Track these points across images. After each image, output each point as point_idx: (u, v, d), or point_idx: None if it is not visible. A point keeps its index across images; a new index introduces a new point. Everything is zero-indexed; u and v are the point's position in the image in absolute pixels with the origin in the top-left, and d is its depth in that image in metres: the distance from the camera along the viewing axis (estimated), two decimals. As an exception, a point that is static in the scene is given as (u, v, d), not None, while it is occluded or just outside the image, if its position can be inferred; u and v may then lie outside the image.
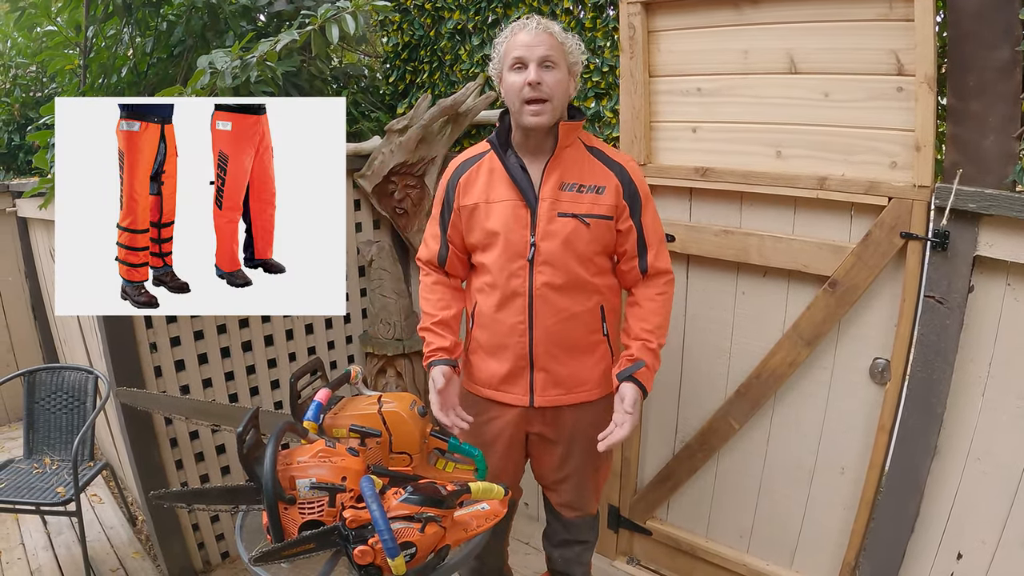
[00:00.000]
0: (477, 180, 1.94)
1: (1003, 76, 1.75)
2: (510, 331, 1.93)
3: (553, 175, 1.88)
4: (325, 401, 1.69)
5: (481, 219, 1.92)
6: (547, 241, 1.86)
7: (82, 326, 3.17)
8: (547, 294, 1.88)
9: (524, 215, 1.88)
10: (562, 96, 1.84)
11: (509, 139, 1.93)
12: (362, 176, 3.02)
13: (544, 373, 1.95)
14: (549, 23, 1.85)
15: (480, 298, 1.98)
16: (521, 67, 1.81)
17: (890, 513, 2.09)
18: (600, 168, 1.91)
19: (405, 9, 3.22)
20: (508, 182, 1.90)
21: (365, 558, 1.38)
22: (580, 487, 2.12)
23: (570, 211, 1.87)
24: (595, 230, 1.88)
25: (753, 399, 2.34)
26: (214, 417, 2.21)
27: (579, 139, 1.93)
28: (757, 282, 2.30)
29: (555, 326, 1.91)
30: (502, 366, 1.97)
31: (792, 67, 2.09)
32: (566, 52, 1.84)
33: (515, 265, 1.89)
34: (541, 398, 1.97)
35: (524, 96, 1.80)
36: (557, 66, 1.81)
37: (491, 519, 1.57)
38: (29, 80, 4.34)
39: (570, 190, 1.88)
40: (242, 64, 2.46)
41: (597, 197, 1.88)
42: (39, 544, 3.13)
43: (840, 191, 2.04)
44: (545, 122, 1.82)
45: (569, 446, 2.04)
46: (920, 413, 1.98)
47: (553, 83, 1.80)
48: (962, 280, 1.86)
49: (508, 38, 1.85)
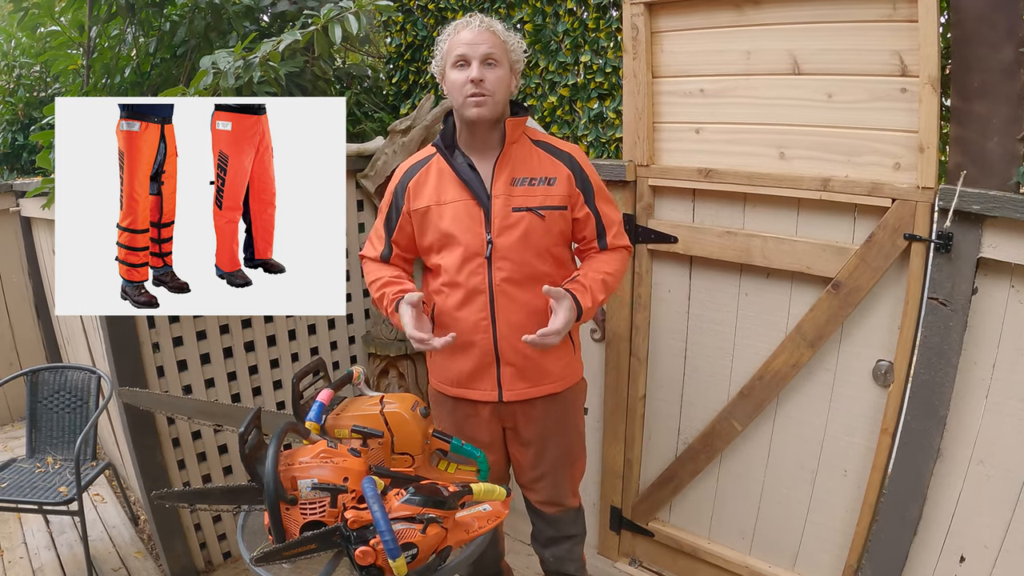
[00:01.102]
0: (427, 183, 1.95)
1: (1007, 77, 1.74)
2: (474, 328, 1.94)
3: (504, 171, 1.90)
4: (327, 402, 1.69)
5: (434, 221, 1.93)
6: (503, 237, 1.88)
7: (85, 326, 3.17)
8: (507, 289, 1.90)
9: (478, 213, 1.89)
10: (504, 92, 1.87)
11: (455, 140, 1.95)
12: (365, 176, 3.03)
13: (511, 367, 1.96)
14: (492, 21, 1.88)
15: (439, 299, 1.98)
16: (464, 64, 1.83)
17: (892, 516, 2.08)
18: (548, 159, 1.93)
19: (408, 9, 3.23)
20: (458, 182, 1.91)
21: (367, 559, 1.38)
22: (557, 482, 2.13)
23: (524, 205, 1.89)
24: (550, 222, 1.90)
25: (756, 400, 2.34)
26: (216, 417, 2.21)
27: (524, 134, 1.96)
28: (760, 283, 2.30)
29: (517, 320, 1.92)
30: (468, 363, 1.97)
31: (795, 68, 2.08)
32: (508, 50, 1.88)
33: (474, 263, 1.90)
34: (509, 392, 1.98)
35: (466, 91, 1.82)
36: (499, 64, 1.84)
37: (493, 520, 1.57)
38: (33, 80, 4.35)
39: (522, 184, 1.90)
40: (245, 64, 2.46)
41: (549, 188, 1.90)
42: (41, 543, 3.14)
43: (843, 192, 2.03)
44: (487, 114, 1.84)
45: (543, 442, 2.06)
46: (923, 415, 1.98)
47: (495, 80, 1.83)
48: (965, 282, 1.85)
49: (451, 35, 1.88)
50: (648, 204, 2.46)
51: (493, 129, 1.91)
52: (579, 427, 2.16)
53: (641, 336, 2.58)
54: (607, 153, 2.65)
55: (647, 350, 2.61)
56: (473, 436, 2.02)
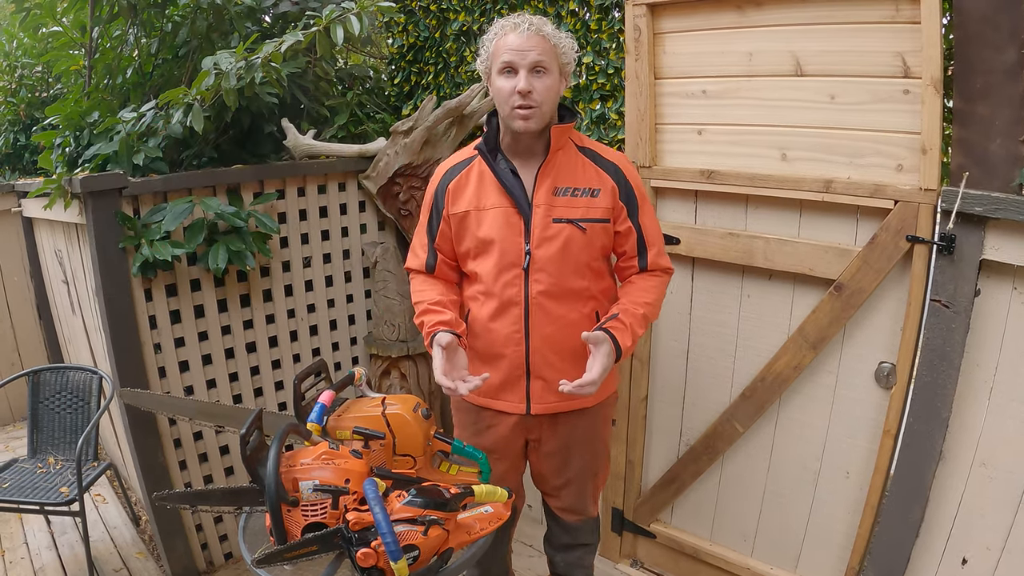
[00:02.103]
0: (467, 186, 1.89)
1: (1010, 79, 1.74)
2: (506, 340, 1.88)
3: (546, 180, 1.84)
4: (329, 403, 1.69)
5: (472, 227, 1.87)
6: (542, 248, 1.82)
7: (87, 326, 3.18)
8: (543, 302, 1.84)
9: (517, 222, 1.83)
10: (552, 101, 1.79)
11: (498, 143, 1.89)
12: (367, 177, 3.03)
13: (541, 381, 1.90)
14: (541, 23, 1.78)
15: (473, 306, 1.93)
16: (511, 72, 1.75)
17: (895, 518, 2.08)
18: (593, 169, 1.87)
19: (410, 10, 3.23)
20: (499, 188, 1.85)
21: (368, 561, 1.38)
22: (580, 492, 2.11)
23: (565, 216, 1.82)
24: (591, 234, 1.84)
25: (758, 402, 2.34)
26: (218, 418, 2.22)
27: (571, 140, 1.89)
28: (762, 285, 2.29)
29: (552, 334, 1.86)
30: (498, 374, 1.91)
31: (798, 69, 2.08)
32: (558, 54, 1.78)
33: (510, 274, 1.84)
34: (538, 406, 1.93)
35: (513, 103, 1.75)
36: (548, 71, 1.76)
37: (495, 522, 1.57)
38: (34, 80, 4.34)
39: (564, 195, 1.83)
40: (247, 65, 2.46)
41: (592, 200, 1.84)
42: (43, 544, 3.14)
43: (846, 194, 2.03)
44: (534, 127, 1.77)
45: (567, 452, 2.02)
46: (925, 417, 1.97)
47: (543, 89, 1.75)
48: (968, 284, 1.85)
49: (498, 36, 1.78)
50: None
51: (538, 136, 1.83)
52: (605, 439, 2.11)
53: (643, 337, 2.58)
54: (609, 154, 2.65)
55: (649, 352, 2.60)
56: (493, 446, 1.98)
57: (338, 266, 3.09)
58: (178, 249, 2.45)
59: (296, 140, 2.91)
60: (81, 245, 2.82)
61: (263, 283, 2.86)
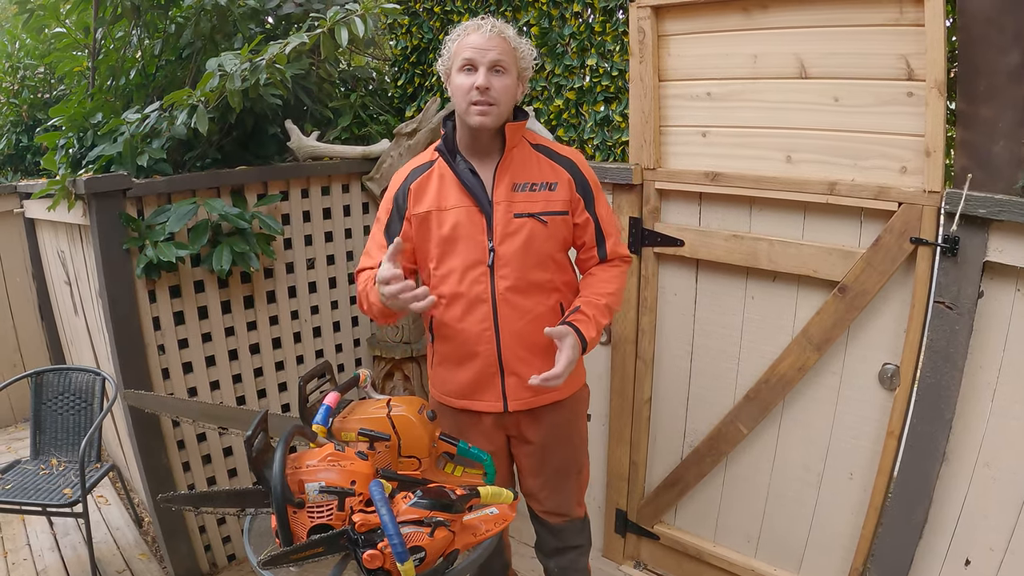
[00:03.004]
0: (429, 187, 1.91)
1: (1013, 81, 1.74)
2: (477, 339, 1.90)
3: (505, 177, 1.88)
4: (334, 405, 1.69)
5: (434, 227, 1.89)
6: (506, 244, 1.86)
7: (90, 328, 3.18)
8: (510, 297, 1.87)
9: (480, 220, 1.86)
10: (509, 100, 1.83)
11: (455, 144, 1.92)
12: (370, 179, 3.03)
13: (515, 377, 1.93)
14: (503, 26, 1.84)
15: (439, 312, 1.94)
16: (471, 69, 1.79)
17: (898, 519, 2.08)
18: (549, 164, 1.91)
19: (414, 12, 3.23)
20: (460, 188, 1.88)
21: (374, 562, 1.38)
22: (561, 491, 2.11)
23: (526, 211, 1.86)
24: (552, 227, 1.88)
25: (762, 404, 2.34)
26: (221, 419, 2.22)
27: (524, 138, 1.94)
28: (766, 287, 2.30)
29: (520, 329, 1.89)
30: (471, 374, 1.94)
31: (802, 71, 2.08)
32: (518, 57, 1.84)
33: (476, 272, 1.87)
34: (514, 402, 1.96)
35: (471, 98, 1.79)
36: (507, 71, 1.80)
37: (500, 523, 1.57)
38: (37, 82, 4.35)
39: (523, 190, 1.88)
40: (251, 67, 2.46)
41: (550, 194, 1.89)
42: (45, 545, 3.14)
43: (850, 196, 2.03)
44: (490, 123, 1.81)
45: (545, 450, 2.04)
46: (929, 419, 1.97)
47: (501, 88, 1.80)
48: (972, 286, 1.85)
49: (460, 37, 1.83)
50: (655, 207, 2.46)
51: (494, 135, 1.88)
52: (582, 434, 2.15)
53: (647, 339, 2.58)
54: (613, 156, 2.65)
55: (653, 353, 2.61)
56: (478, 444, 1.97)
57: (341, 268, 3.10)
58: (182, 250, 2.45)
59: (300, 142, 2.91)
60: (84, 246, 2.82)
61: (267, 285, 2.87)
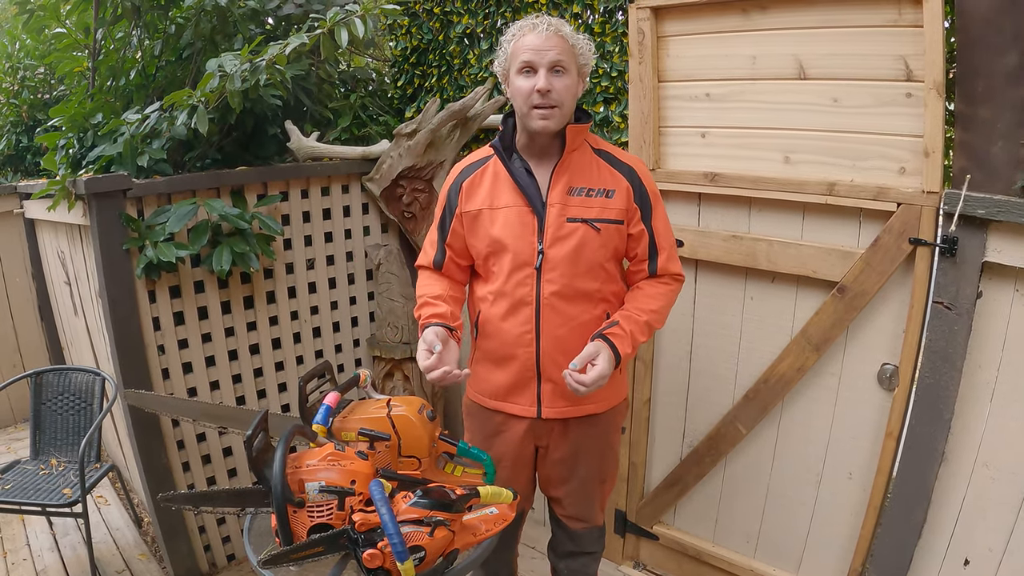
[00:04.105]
0: (481, 185, 1.88)
1: (1012, 82, 1.75)
2: (517, 340, 1.87)
3: (561, 179, 1.82)
4: (334, 404, 1.69)
5: (485, 225, 1.86)
6: (556, 248, 1.81)
7: (89, 328, 3.18)
8: (555, 303, 1.83)
9: (531, 221, 1.82)
10: (571, 101, 1.78)
11: (514, 142, 1.88)
12: (370, 180, 3.03)
13: (551, 384, 1.89)
14: (560, 24, 1.77)
15: (484, 307, 1.92)
16: (530, 71, 1.74)
17: (897, 519, 2.08)
18: (608, 171, 1.85)
19: (414, 13, 3.24)
20: (513, 187, 1.84)
21: (374, 562, 1.39)
22: (586, 499, 2.08)
23: (580, 216, 1.81)
24: (605, 235, 1.82)
25: (761, 404, 2.34)
26: (221, 419, 2.21)
27: (586, 141, 1.88)
28: (765, 287, 2.30)
29: (563, 336, 1.85)
30: (508, 376, 1.91)
31: (801, 72, 2.09)
32: (576, 54, 1.78)
33: (522, 273, 1.83)
34: (549, 410, 1.91)
35: (533, 102, 1.74)
36: (567, 71, 1.75)
37: (500, 523, 1.57)
38: (37, 82, 4.35)
39: (579, 195, 1.82)
40: (251, 67, 2.47)
41: (607, 201, 1.83)
42: (45, 545, 3.14)
43: (849, 197, 2.03)
44: (553, 127, 1.76)
45: (575, 459, 2.00)
46: (928, 419, 1.98)
47: (563, 89, 1.74)
48: (970, 286, 1.85)
49: (516, 37, 1.78)
50: (653, 208, 2.46)
51: (554, 136, 1.82)
52: (614, 446, 2.08)
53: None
54: (612, 157, 2.66)
55: (652, 354, 2.61)
56: (504, 451, 1.97)
57: (341, 268, 3.10)
58: (182, 251, 2.45)
59: (300, 142, 2.92)
60: (84, 246, 2.82)
61: (266, 285, 2.87)
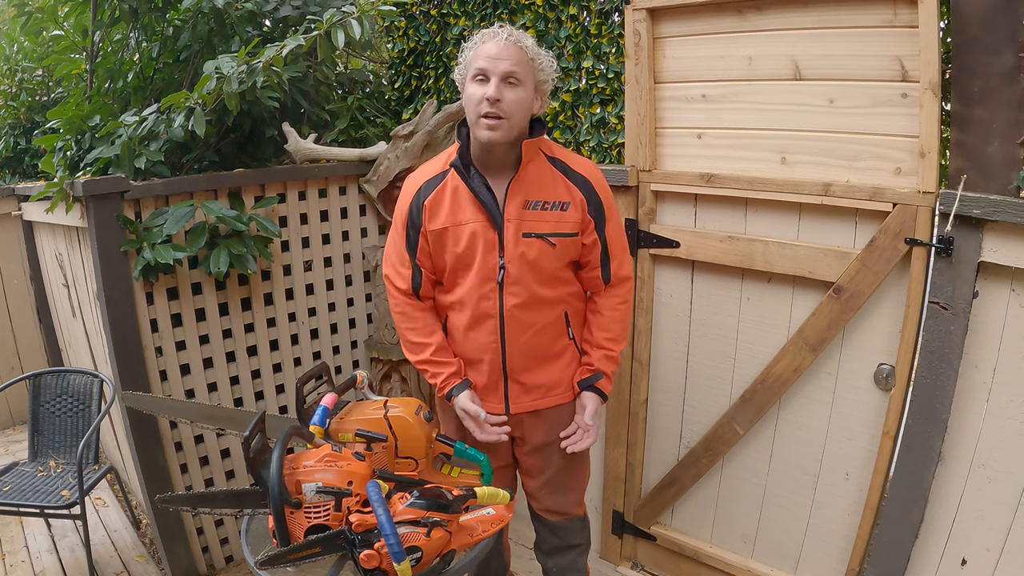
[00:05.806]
0: (443, 203, 1.87)
1: (1007, 82, 1.75)
2: (483, 348, 1.94)
3: (518, 194, 1.84)
4: (331, 406, 1.70)
5: (450, 243, 1.88)
6: (515, 263, 1.85)
7: (87, 330, 3.18)
8: (517, 314, 1.89)
9: (492, 237, 1.84)
10: (522, 114, 1.77)
11: (469, 156, 1.87)
12: (368, 181, 3.03)
13: (518, 384, 1.97)
14: (521, 36, 1.77)
15: (451, 315, 1.97)
16: (483, 79, 1.74)
17: (894, 519, 2.08)
18: (564, 183, 1.87)
19: (411, 15, 3.24)
20: (474, 202, 1.84)
21: (371, 562, 1.39)
22: (561, 490, 2.13)
23: (535, 231, 1.84)
24: (560, 248, 1.87)
25: (758, 405, 2.35)
26: (219, 421, 2.22)
27: (540, 150, 1.88)
28: (762, 288, 2.30)
29: (526, 341, 1.92)
30: (480, 377, 1.98)
31: (797, 73, 2.09)
32: (535, 69, 1.78)
33: (486, 288, 1.87)
34: (516, 405, 1.99)
35: (480, 110, 1.73)
36: (522, 83, 1.74)
37: (496, 524, 1.57)
38: (35, 84, 4.35)
39: (534, 208, 1.84)
40: (248, 69, 2.47)
41: (562, 215, 1.85)
42: (43, 547, 3.14)
43: (845, 197, 2.04)
44: (499, 138, 1.75)
45: (547, 449, 2.05)
46: (924, 419, 1.98)
47: (512, 101, 1.73)
48: (967, 286, 1.86)
49: (476, 45, 1.78)
50: (650, 209, 2.46)
51: (509, 150, 1.82)
52: None
53: (643, 340, 2.59)
54: (609, 158, 2.66)
55: (649, 354, 2.61)
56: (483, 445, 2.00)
57: (339, 270, 3.10)
58: (179, 252, 2.45)
59: (297, 144, 2.92)
60: (82, 248, 2.82)
61: (264, 287, 2.87)
